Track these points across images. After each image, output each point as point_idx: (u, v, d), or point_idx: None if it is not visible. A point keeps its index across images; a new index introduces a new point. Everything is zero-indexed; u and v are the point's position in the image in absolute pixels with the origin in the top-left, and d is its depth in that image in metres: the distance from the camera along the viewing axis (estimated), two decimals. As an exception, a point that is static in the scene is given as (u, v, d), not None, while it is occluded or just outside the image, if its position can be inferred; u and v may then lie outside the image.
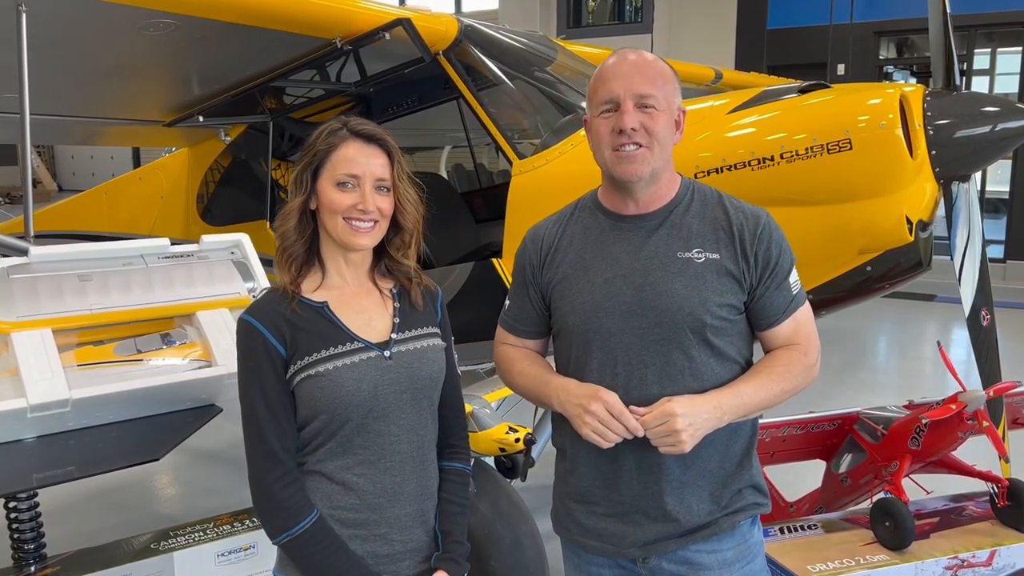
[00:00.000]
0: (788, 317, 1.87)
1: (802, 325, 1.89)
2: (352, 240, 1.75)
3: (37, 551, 2.86)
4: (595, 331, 1.83)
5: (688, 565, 1.85)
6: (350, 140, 1.76)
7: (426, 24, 3.93)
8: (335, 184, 1.74)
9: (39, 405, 2.28)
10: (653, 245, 1.84)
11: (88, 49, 3.86)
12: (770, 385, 1.81)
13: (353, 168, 1.74)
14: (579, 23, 14.34)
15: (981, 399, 2.97)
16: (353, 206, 1.73)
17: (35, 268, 2.53)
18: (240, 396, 1.73)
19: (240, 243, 2.88)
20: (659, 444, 1.71)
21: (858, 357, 8.02)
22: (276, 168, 5.27)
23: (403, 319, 1.81)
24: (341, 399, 1.69)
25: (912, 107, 3.13)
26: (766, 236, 1.84)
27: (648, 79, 1.82)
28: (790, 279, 1.88)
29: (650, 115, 1.80)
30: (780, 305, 1.86)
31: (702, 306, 1.79)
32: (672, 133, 1.86)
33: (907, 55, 12.41)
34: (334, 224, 1.74)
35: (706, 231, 1.85)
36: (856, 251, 3.21)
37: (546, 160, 3.77)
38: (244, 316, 1.74)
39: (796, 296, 1.89)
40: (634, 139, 1.79)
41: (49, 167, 22.49)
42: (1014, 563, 2.98)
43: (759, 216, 1.87)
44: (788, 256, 1.89)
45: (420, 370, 1.78)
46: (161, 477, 5.15)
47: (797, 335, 1.88)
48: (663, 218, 1.87)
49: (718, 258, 1.82)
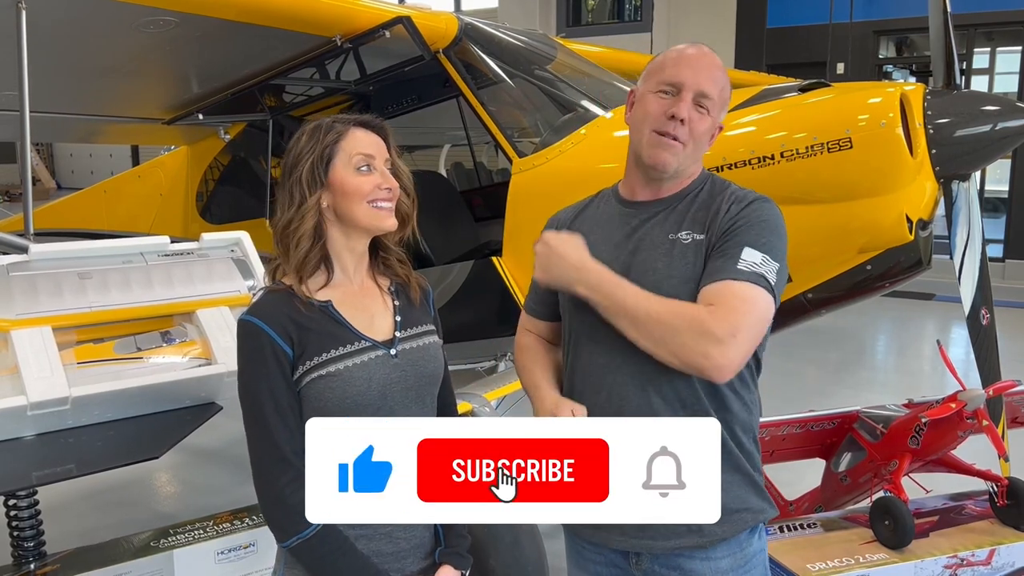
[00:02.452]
0: (718, 282, 1.67)
1: (729, 296, 1.64)
2: (380, 223, 1.74)
3: (37, 549, 2.86)
4: (585, 311, 1.79)
5: (680, 572, 1.79)
6: (352, 128, 1.76)
7: (426, 22, 3.93)
8: (354, 169, 1.72)
9: (38, 403, 2.27)
10: (648, 226, 1.83)
11: (88, 47, 3.86)
12: (646, 301, 1.66)
13: (368, 148, 1.73)
14: (579, 21, 14.33)
15: (981, 398, 2.97)
16: (376, 186, 1.72)
17: (35, 266, 2.53)
18: (242, 398, 1.69)
19: (240, 241, 2.88)
20: None
21: (857, 356, 8.02)
22: (276, 166, 5.27)
23: (403, 317, 1.81)
24: (352, 399, 1.68)
25: (912, 106, 3.13)
26: (738, 209, 1.76)
27: (714, 81, 1.80)
28: (743, 254, 1.68)
29: (701, 115, 1.79)
30: (714, 269, 1.69)
31: (682, 285, 1.72)
32: (708, 140, 1.84)
33: (906, 54, 12.41)
34: (357, 211, 1.71)
35: (699, 215, 1.81)
36: (856, 250, 3.21)
37: (546, 159, 3.77)
38: (246, 317, 1.69)
39: (741, 271, 1.66)
40: (678, 131, 1.78)
41: (48, 165, 22.48)
42: (1013, 562, 2.98)
43: (747, 196, 1.80)
44: (756, 235, 1.72)
45: (424, 368, 1.78)
46: (160, 475, 5.15)
47: (715, 299, 1.65)
48: (667, 204, 1.85)
49: (703, 239, 1.77)
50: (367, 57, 4.26)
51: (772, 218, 1.78)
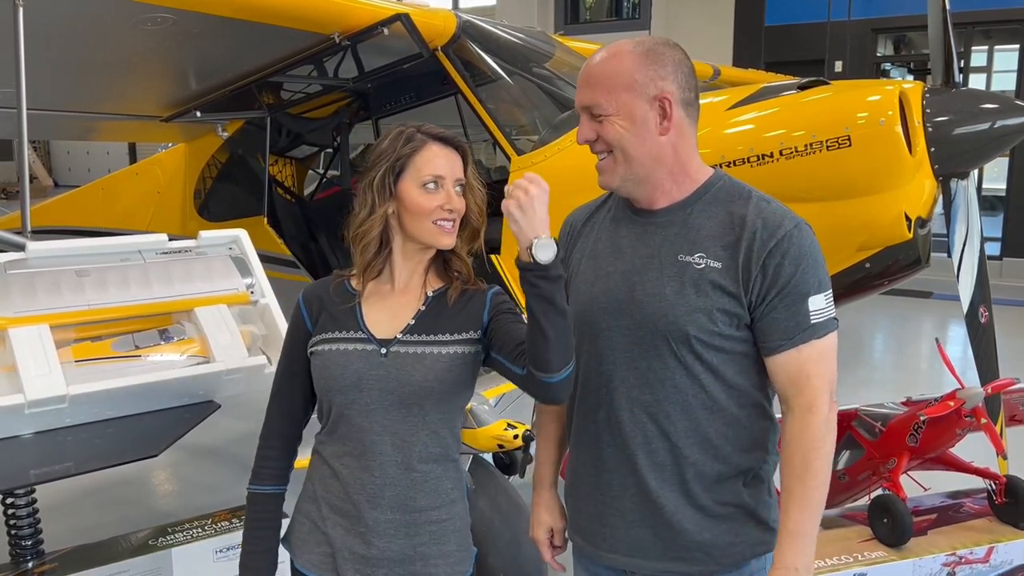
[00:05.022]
0: (794, 347, 1.64)
1: (810, 362, 1.64)
2: (440, 240, 1.76)
3: (35, 547, 2.86)
4: (587, 324, 1.78)
5: None
6: (430, 142, 1.76)
7: (424, 20, 3.92)
8: (421, 186, 1.74)
9: (36, 401, 2.27)
10: (657, 243, 1.73)
11: (85, 43, 3.85)
12: (809, 496, 1.64)
13: (438, 169, 1.74)
14: (577, 19, 14.32)
15: (979, 396, 2.97)
16: (440, 207, 1.73)
17: (32, 264, 2.52)
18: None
19: (238, 239, 2.87)
20: None
21: (855, 354, 8.02)
22: (273, 164, 5.26)
23: (422, 321, 1.78)
24: (326, 380, 1.77)
25: (911, 104, 3.13)
26: (780, 250, 1.62)
27: (591, 87, 1.71)
28: (808, 304, 1.63)
29: (602, 123, 1.71)
30: (787, 330, 1.63)
31: (687, 316, 1.64)
32: (644, 129, 1.68)
33: (904, 52, 12.41)
34: (420, 226, 1.75)
35: (716, 234, 1.68)
36: (855, 248, 3.21)
37: (544, 156, 3.77)
38: (302, 292, 1.89)
39: (814, 326, 1.64)
40: (596, 149, 1.74)
41: (45, 163, 22.44)
42: (1011, 559, 2.99)
43: (780, 226, 1.65)
44: (810, 277, 1.64)
45: (411, 375, 1.73)
46: (159, 473, 5.14)
47: (801, 374, 1.64)
48: (675, 214, 1.74)
49: (719, 267, 1.65)
50: (365, 55, 4.25)
51: (814, 248, 1.68)
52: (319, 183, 6.06)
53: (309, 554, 1.81)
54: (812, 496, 1.64)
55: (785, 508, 1.66)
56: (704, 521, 1.72)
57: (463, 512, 1.85)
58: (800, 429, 1.65)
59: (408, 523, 1.76)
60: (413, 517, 1.76)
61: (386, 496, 1.74)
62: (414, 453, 1.75)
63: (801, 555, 1.63)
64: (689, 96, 1.72)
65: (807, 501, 1.64)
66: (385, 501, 1.74)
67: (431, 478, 1.77)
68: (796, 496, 1.64)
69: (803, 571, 1.62)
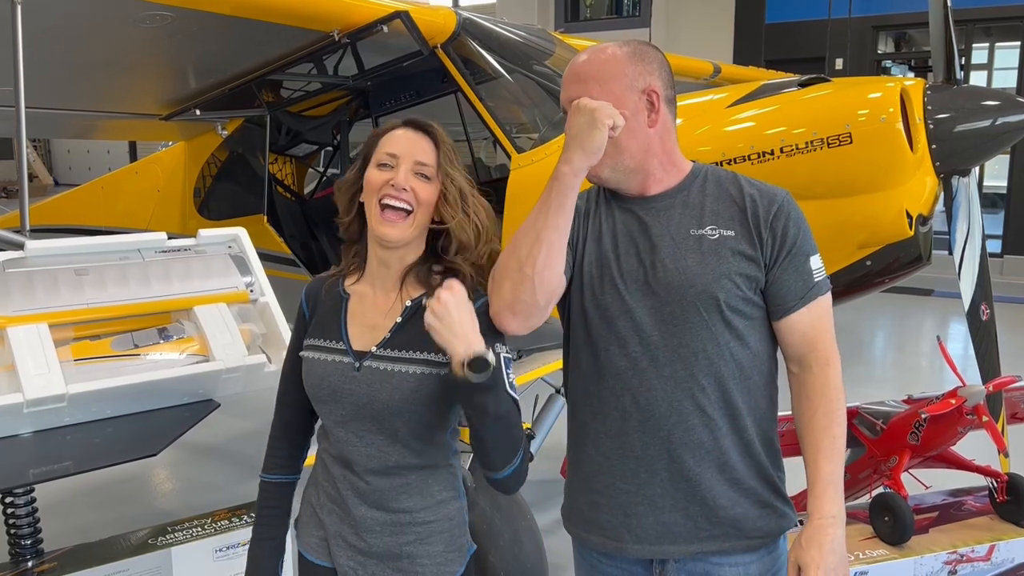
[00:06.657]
0: (805, 305, 1.74)
1: (819, 318, 1.75)
2: (382, 229, 1.70)
3: (34, 546, 2.85)
4: (601, 315, 1.76)
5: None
6: (399, 127, 1.77)
7: (424, 17, 3.91)
8: (376, 165, 1.73)
9: (35, 400, 2.26)
10: (664, 223, 1.76)
11: (84, 42, 3.84)
12: (836, 446, 1.73)
13: (394, 148, 1.73)
14: (577, 17, 14.31)
15: (980, 394, 2.96)
16: (387, 182, 1.70)
17: (31, 262, 2.51)
18: None
19: (237, 237, 2.86)
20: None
21: (856, 351, 8.02)
22: (273, 162, 5.25)
23: (396, 335, 1.73)
24: (307, 388, 1.78)
25: (912, 101, 3.12)
26: (783, 213, 1.73)
27: (581, 82, 1.81)
28: (811, 263, 1.75)
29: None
30: (798, 289, 1.73)
31: (715, 282, 1.69)
32: (634, 121, 1.75)
33: (905, 50, 12.40)
34: (371, 209, 1.72)
35: (720, 208, 1.75)
36: (856, 245, 3.20)
37: (545, 154, 3.76)
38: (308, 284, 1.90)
39: (818, 284, 1.75)
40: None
41: (45, 161, 22.45)
42: (1013, 557, 2.99)
43: (775, 194, 1.77)
44: (809, 238, 1.76)
45: (378, 392, 1.69)
46: (158, 472, 5.14)
47: (814, 330, 1.75)
48: (672, 197, 1.79)
49: (733, 235, 1.72)
50: (365, 52, 4.24)
51: (800, 211, 1.79)
52: (319, 181, 6.06)
53: (308, 537, 1.85)
54: (838, 445, 1.73)
55: (814, 461, 1.73)
56: (737, 496, 1.76)
57: (454, 512, 1.81)
58: (822, 383, 1.74)
59: (393, 523, 1.75)
60: (398, 517, 1.75)
61: (370, 498, 1.75)
62: (391, 463, 1.74)
63: (836, 502, 1.71)
64: (671, 94, 1.82)
65: (835, 451, 1.73)
66: (370, 501, 1.75)
67: (414, 482, 1.75)
68: (825, 448, 1.72)
69: (839, 517, 1.70)
